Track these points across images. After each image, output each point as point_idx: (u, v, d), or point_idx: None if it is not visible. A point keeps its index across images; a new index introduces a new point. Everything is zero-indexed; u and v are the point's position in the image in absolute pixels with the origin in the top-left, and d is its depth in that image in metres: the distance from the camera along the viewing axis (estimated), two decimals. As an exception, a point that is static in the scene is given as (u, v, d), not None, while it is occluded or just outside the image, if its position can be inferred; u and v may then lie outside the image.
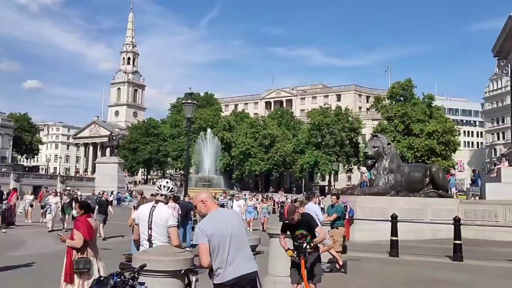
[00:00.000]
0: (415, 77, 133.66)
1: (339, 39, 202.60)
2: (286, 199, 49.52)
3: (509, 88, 29.79)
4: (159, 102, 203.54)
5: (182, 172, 75.98)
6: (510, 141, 60.99)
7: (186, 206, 15.42)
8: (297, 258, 5.79)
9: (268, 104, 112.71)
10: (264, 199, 28.37)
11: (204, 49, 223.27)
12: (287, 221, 5.82)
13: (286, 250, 5.93)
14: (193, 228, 15.25)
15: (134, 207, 14.24)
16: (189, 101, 19.21)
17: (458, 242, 12.61)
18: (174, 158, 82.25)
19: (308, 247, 5.71)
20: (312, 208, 9.98)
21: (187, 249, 12.28)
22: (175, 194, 18.17)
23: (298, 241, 5.81)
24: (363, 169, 19.69)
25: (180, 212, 13.68)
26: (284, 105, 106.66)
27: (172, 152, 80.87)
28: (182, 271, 4.35)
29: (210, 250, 4.00)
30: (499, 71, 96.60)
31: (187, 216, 15.04)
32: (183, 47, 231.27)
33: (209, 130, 66.22)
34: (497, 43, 24.62)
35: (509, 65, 25.59)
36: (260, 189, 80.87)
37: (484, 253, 13.93)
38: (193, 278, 4.53)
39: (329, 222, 10.99)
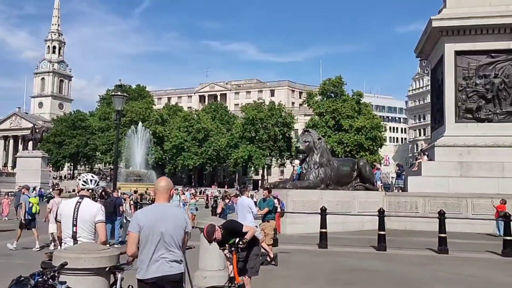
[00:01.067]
0: (345, 75, 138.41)
1: (273, 35, 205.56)
2: (219, 193, 49.51)
3: (429, 87, 31.67)
4: (88, 94, 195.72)
5: (111, 167, 73.54)
6: (430, 137, 64.94)
7: (114, 201, 14.94)
8: (229, 254, 5.78)
9: (202, 98, 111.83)
10: (192, 195, 27.98)
11: (137, 40, 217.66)
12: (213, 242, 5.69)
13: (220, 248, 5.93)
14: (121, 225, 14.80)
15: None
16: (119, 93, 18.53)
17: (382, 232, 13.25)
18: (103, 152, 79.39)
19: (240, 242, 5.72)
20: (246, 201, 10.04)
21: (115, 246, 11.93)
22: (106, 190, 17.62)
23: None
24: (296, 162, 20.08)
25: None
26: (218, 99, 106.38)
27: (100, 146, 77.97)
28: (107, 269, 4.17)
29: (140, 241, 3.91)
30: (421, 71, 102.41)
31: (116, 212, 14.54)
32: (115, 38, 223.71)
33: (140, 123, 64.58)
34: (419, 45, 26.02)
35: (429, 65, 27.14)
36: (193, 184, 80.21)
37: (405, 243, 14.75)
38: (119, 276, 4.36)
39: (261, 215, 11.11)
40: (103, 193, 16.56)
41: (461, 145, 21.43)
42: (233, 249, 5.68)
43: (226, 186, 68.65)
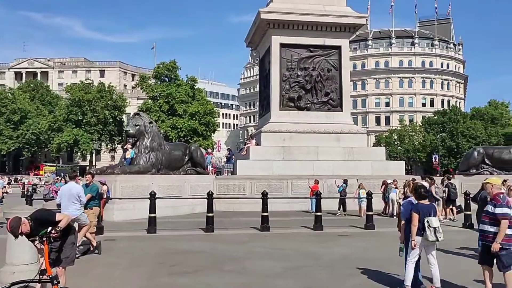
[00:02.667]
0: (180, 60, 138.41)
1: (104, 12, 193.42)
2: (40, 180, 45.09)
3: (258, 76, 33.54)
4: None
5: None
6: (258, 123, 69.14)
7: None
8: (40, 245, 5.20)
9: (18, 75, 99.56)
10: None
11: None
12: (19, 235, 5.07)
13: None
14: None
15: None
16: None
17: (210, 214, 13.59)
18: None
19: (53, 231, 5.17)
20: (75, 188, 9.25)
21: None
22: None
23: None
24: (128, 146, 19.25)
25: None
26: (39, 77, 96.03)
27: None
28: None
29: None
30: (252, 61, 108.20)
31: None
32: None
33: None
34: (249, 35, 27.27)
35: (259, 55, 28.66)
36: (7, 171, 71.49)
37: (232, 223, 15.42)
38: None
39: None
40: None
41: (284, 131, 23.26)
42: (44, 239, 5.12)
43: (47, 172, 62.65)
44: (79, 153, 70.85)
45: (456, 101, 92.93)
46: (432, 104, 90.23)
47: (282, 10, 23.72)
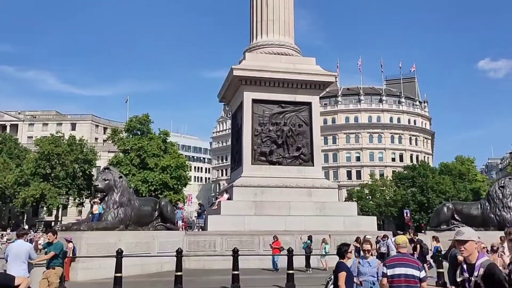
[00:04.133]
0: (153, 113, 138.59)
1: (77, 66, 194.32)
2: (2, 236, 43.09)
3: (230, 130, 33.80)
4: None
5: None
6: (230, 177, 68.91)
7: None
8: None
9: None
10: None
11: None
12: None
13: None
14: None
15: None
16: None
17: (179, 274, 13.10)
18: None
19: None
20: (24, 247, 8.78)
21: None
22: None
23: None
24: (97, 201, 18.73)
25: None
26: (8, 130, 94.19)
27: None
28: None
29: None
30: (225, 115, 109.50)
31: None
32: None
33: None
34: (221, 90, 27.72)
35: (231, 110, 29.03)
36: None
37: (202, 283, 14.89)
38: None
39: (44, 261, 9.85)
40: None
41: (256, 185, 23.16)
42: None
43: (8, 229, 59.98)
44: (45, 208, 68.43)
45: (424, 156, 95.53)
46: (401, 159, 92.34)
47: (254, 67, 24.34)
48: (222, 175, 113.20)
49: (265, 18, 26.06)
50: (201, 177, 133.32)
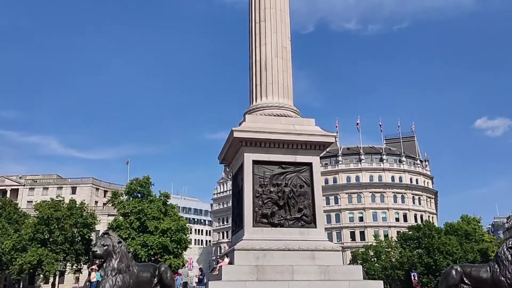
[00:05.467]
0: (153, 175, 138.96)
1: (79, 130, 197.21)
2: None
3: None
4: None
5: None
6: (231, 240, 67.48)
7: None
8: None
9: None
10: None
11: None
12: None
13: None
14: None
15: None
16: None
17: None
18: None
19: None
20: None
21: None
22: None
23: None
24: (95, 267, 18.14)
25: None
26: (8, 195, 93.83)
27: None
28: None
29: None
30: (225, 176, 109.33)
31: None
32: None
33: None
34: (222, 152, 27.76)
35: (232, 171, 28.93)
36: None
37: None
38: None
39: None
40: None
41: (258, 248, 22.52)
42: None
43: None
44: (41, 275, 66.48)
45: (429, 216, 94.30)
46: (405, 219, 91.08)
47: (254, 129, 24.52)
48: (223, 237, 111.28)
49: (264, 81, 26.65)
50: (202, 240, 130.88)
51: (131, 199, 63.80)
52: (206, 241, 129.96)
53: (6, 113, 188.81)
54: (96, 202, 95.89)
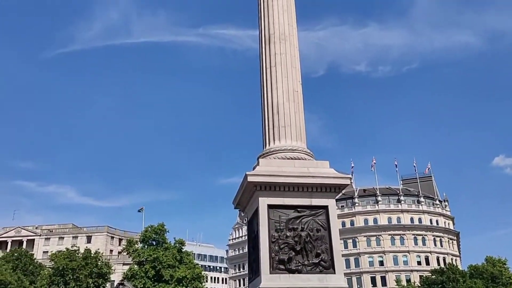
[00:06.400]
0: (168, 221, 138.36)
1: (95, 178, 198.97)
2: None
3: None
4: None
5: None
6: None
7: None
8: None
9: (3, 244, 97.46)
10: None
11: None
12: None
13: None
14: None
15: None
16: None
17: None
18: None
19: None
20: None
21: None
22: None
23: None
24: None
25: None
26: (25, 245, 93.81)
27: None
28: None
29: None
30: (240, 221, 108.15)
31: None
32: None
33: None
34: (236, 197, 27.49)
35: (247, 216, 28.55)
36: None
37: None
38: None
39: None
40: None
41: (276, 296, 21.81)
42: None
43: None
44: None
45: (452, 259, 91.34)
46: (427, 262, 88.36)
47: (268, 173, 24.36)
48: (239, 285, 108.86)
49: (277, 125, 26.72)
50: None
51: (146, 247, 63.18)
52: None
53: (25, 164, 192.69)
54: (111, 251, 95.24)
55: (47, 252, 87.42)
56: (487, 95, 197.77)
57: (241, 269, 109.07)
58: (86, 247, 75.20)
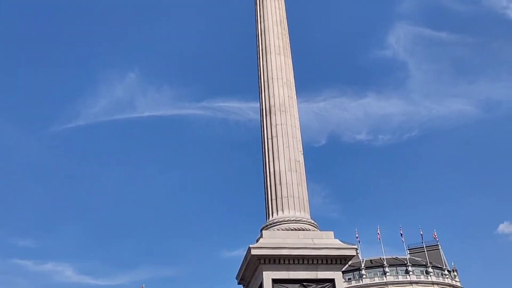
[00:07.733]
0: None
1: (94, 255, 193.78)
2: None
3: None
4: None
5: None
6: None
7: None
8: None
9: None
10: None
11: None
12: None
13: None
14: None
15: None
16: None
17: None
18: None
19: None
20: None
21: None
22: None
23: None
24: None
25: None
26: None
27: None
28: None
29: None
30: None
31: None
32: None
33: None
34: (240, 271, 26.58)
35: (250, 292, 27.44)
36: None
37: None
38: None
39: None
40: None
41: None
42: None
43: None
44: None
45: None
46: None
47: (272, 245, 23.73)
48: None
49: (280, 195, 26.47)
50: None
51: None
52: None
53: (24, 242, 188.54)
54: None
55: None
56: (487, 161, 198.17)
57: None
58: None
